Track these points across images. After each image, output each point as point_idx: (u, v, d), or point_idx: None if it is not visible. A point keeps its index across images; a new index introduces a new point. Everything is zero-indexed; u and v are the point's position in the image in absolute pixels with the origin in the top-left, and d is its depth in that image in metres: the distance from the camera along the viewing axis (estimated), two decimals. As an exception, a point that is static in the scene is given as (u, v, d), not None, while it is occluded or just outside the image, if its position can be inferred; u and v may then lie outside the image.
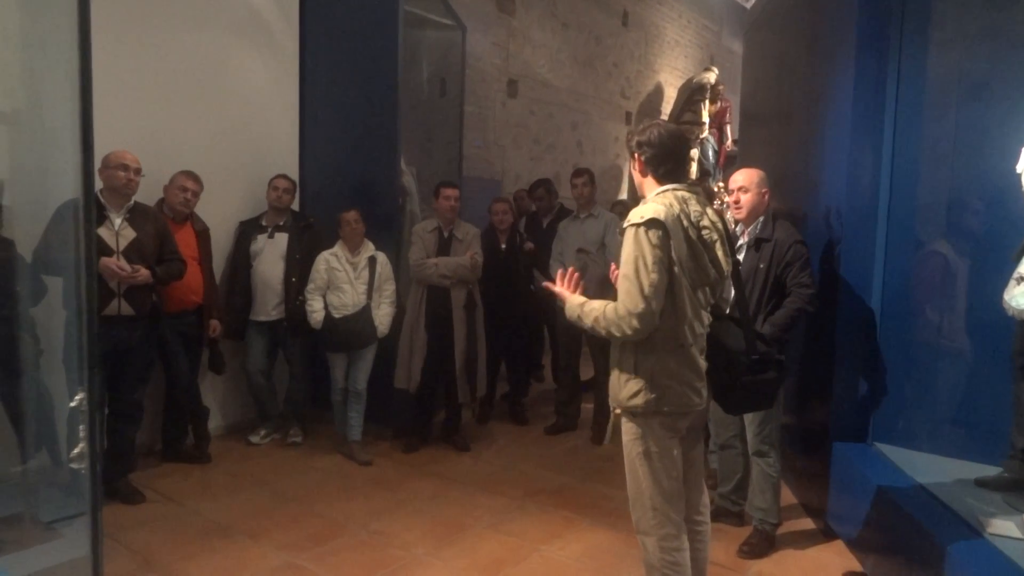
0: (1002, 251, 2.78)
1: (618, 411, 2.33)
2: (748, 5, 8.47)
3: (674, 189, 2.26)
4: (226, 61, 4.45)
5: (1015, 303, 2.61)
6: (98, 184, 3.38)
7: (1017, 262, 2.64)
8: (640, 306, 2.11)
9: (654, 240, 2.13)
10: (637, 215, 2.17)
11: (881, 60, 3.24)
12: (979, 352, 3.10)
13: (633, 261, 2.13)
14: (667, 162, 2.29)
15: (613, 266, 2.39)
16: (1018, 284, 2.61)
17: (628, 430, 2.31)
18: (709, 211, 2.29)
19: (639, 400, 2.23)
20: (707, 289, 2.30)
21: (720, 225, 2.30)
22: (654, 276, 2.12)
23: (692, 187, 2.31)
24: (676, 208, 2.19)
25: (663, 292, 2.15)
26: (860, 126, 3.29)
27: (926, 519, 2.60)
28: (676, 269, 2.17)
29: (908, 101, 3.23)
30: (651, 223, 2.14)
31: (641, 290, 2.11)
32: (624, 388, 2.26)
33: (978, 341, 3.10)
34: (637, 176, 2.37)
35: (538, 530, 3.43)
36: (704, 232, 2.23)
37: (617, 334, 2.18)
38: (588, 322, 2.25)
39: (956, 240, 3.18)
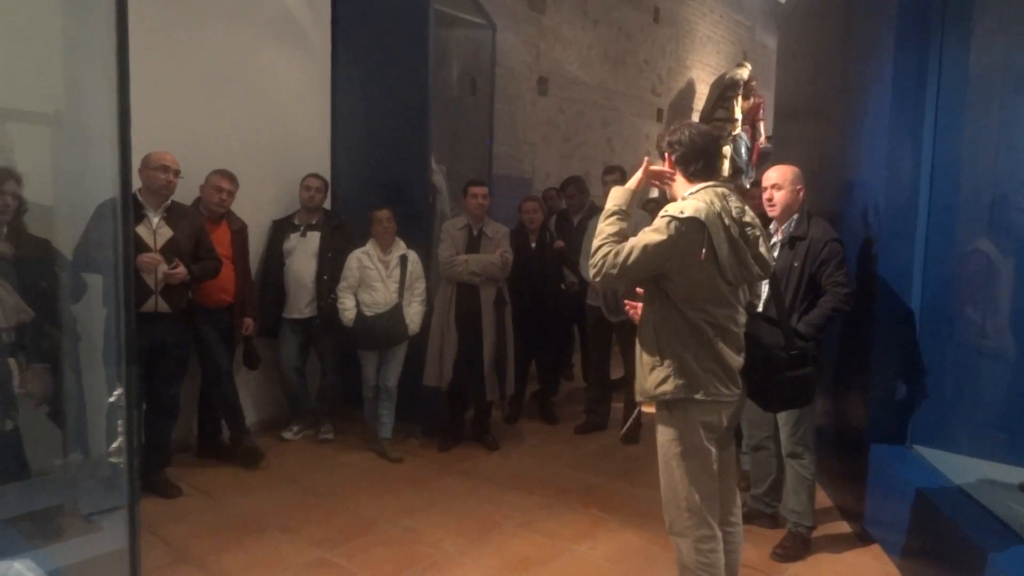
0: (1048, 249, 2.69)
1: (645, 408, 2.31)
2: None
3: (713, 186, 2.25)
4: (259, 61, 4.51)
5: (1062, 302, 2.53)
6: (137, 183, 3.45)
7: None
8: (614, 271, 2.17)
9: (675, 234, 2.14)
10: (677, 209, 2.18)
11: (921, 52, 3.16)
12: (1023, 352, 3.01)
13: (641, 239, 2.17)
14: (697, 160, 2.29)
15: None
16: (1066, 283, 2.52)
17: (664, 431, 2.28)
18: (748, 207, 2.30)
19: (668, 387, 2.21)
20: (745, 286, 2.29)
21: (759, 221, 2.30)
22: (643, 262, 2.15)
23: (727, 183, 2.31)
24: (717, 205, 2.19)
25: (639, 276, 2.22)
26: (899, 121, 3.21)
27: (967, 524, 2.54)
28: (723, 263, 2.17)
29: (949, 95, 3.14)
30: (689, 221, 2.14)
31: (626, 259, 2.16)
32: (650, 377, 2.25)
33: (1022, 341, 3.01)
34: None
35: (568, 529, 3.41)
36: (747, 229, 2.24)
37: (590, 259, 2.23)
38: (601, 223, 2.26)
39: (999, 238, 3.09)
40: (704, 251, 2.14)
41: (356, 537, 3.28)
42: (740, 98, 8.75)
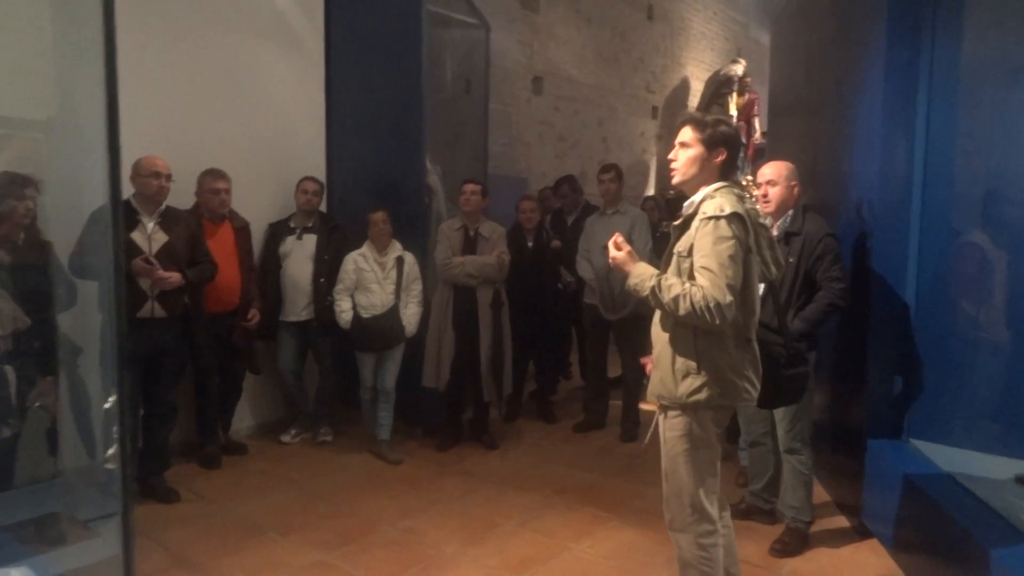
0: (1042, 241, 2.70)
1: (644, 406, 2.31)
2: (776, -5, 8.34)
3: (730, 186, 2.24)
4: (253, 64, 4.51)
5: (1056, 295, 2.53)
6: (130, 190, 3.45)
7: (1057, 252, 2.56)
8: (728, 298, 2.06)
9: (737, 233, 2.11)
10: (715, 208, 2.13)
11: (913, 46, 3.16)
12: (1018, 345, 3.01)
13: (717, 254, 2.09)
14: (735, 153, 2.29)
15: (617, 235, 2.39)
16: (1059, 275, 2.53)
17: (674, 426, 2.28)
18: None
19: (703, 395, 2.20)
20: None
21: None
22: (738, 268, 2.10)
23: (738, 183, 2.33)
24: (741, 205, 2.18)
25: (740, 287, 2.12)
26: (892, 115, 3.22)
27: (965, 517, 2.54)
28: (754, 261, 2.20)
29: (942, 88, 3.14)
30: (733, 217, 2.12)
31: (728, 282, 2.07)
32: (682, 384, 2.22)
33: (1016, 333, 3.01)
34: (697, 165, 2.25)
35: (567, 528, 3.42)
36: (762, 230, 2.26)
37: (699, 320, 2.10)
38: (667, 297, 2.13)
39: (993, 230, 3.09)
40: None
41: (356, 539, 3.28)
42: (735, 94, 8.79)
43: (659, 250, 2.42)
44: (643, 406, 5.06)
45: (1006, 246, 3.05)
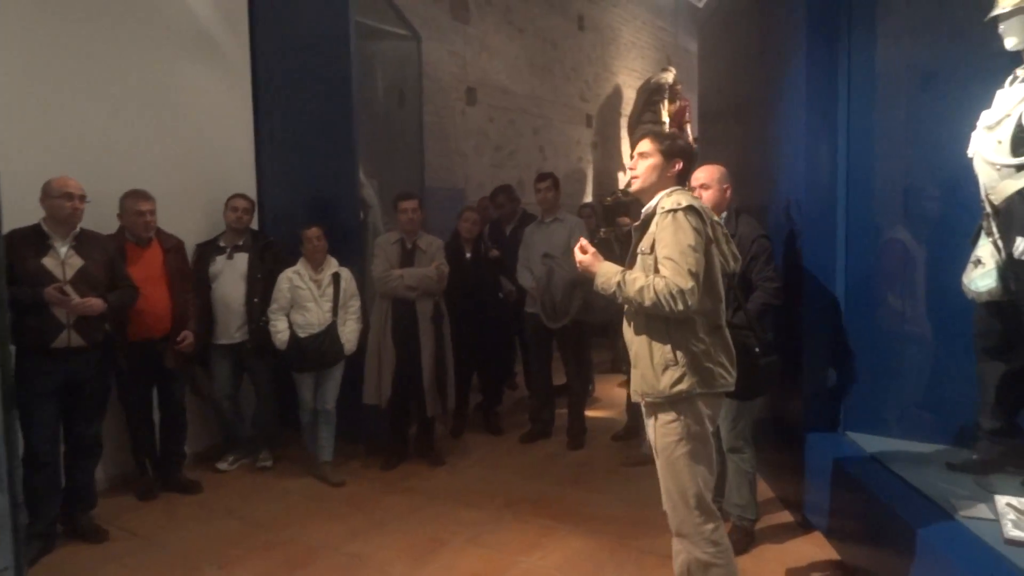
0: (959, 235, 2.81)
1: (590, 413, 2.31)
2: (700, 4, 8.56)
3: (682, 189, 2.36)
4: (175, 80, 4.35)
5: (973, 286, 2.64)
6: (41, 213, 3.27)
7: (974, 245, 2.67)
8: (689, 283, 2.15)
9: (694, 223, 2.20)
10: (673, 202, 2.24)
11: (832, 53, 3.28)
12: (942, 336, 3.13)
13: (677, 243, 2.18)
14: (689, 165, 2.42)
15: (581, 239, 2.50)
16: (976, 267, 2.64)
17: (669, 431, 2.29)
18: None
19: (684, 385, 2.23)
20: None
21: None
22: (699, 256, 2.19)
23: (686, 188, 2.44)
24: (696, 202, 2.28)
25: (702, 274, 2.21)
26: (814, 119, 3.32)
27: (899, 505, 2.61)
28: (715, 251, 2.28)
29: (860, 93, 3.27)
30: (690, 209, 2.21)
31: (689, 269, 2.16)
32: (663, 377, 2.25)
33: (941, 325, 3.13)
34: (656, 173, 2.35)
35: (517, 541, 3.37)
36: (717, 226, 2.35)
37: (665, 308, 2.16)
38: (631, 291, 2.23)
39: (914, 226, 3.22)
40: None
41: (299, 568, 3.17)
42: (666, 102, 8.96)
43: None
44: (589, 413, 5.07)
45: (927, 241, 3.18)
